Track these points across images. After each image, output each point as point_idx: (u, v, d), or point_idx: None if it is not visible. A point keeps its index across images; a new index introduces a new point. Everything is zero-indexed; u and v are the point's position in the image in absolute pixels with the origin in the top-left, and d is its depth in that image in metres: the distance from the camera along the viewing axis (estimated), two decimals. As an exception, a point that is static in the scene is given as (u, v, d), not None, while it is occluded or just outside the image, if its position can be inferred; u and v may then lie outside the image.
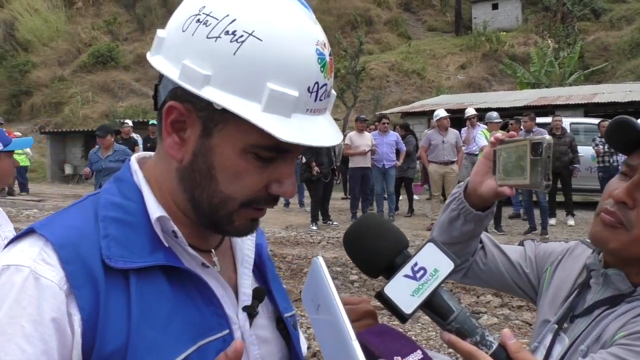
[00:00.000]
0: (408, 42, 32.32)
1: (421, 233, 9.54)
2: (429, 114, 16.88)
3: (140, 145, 14.18)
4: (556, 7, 30.85)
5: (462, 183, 1.28)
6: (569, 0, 30.20)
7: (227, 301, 0.86)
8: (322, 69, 0.77)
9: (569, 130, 10.77)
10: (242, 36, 0.72)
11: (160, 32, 0.81)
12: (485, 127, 9.94)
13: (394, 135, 11.22)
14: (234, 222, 0.82)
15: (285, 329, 0.95)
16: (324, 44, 0.78)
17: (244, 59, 0.72)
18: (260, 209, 0.83)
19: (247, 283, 0.91)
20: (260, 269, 0.98)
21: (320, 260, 0.75)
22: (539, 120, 10.57)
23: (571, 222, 10.32)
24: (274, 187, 0.81)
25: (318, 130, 0.78)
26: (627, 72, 25.32)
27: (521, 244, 1.46)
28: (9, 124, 20.54)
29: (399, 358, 0.77)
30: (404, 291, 0.77)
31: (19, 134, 17.20)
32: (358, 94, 23.33)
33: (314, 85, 0.76)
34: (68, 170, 22.42)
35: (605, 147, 10.16)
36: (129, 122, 14.76)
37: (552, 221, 10.04)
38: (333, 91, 0.83)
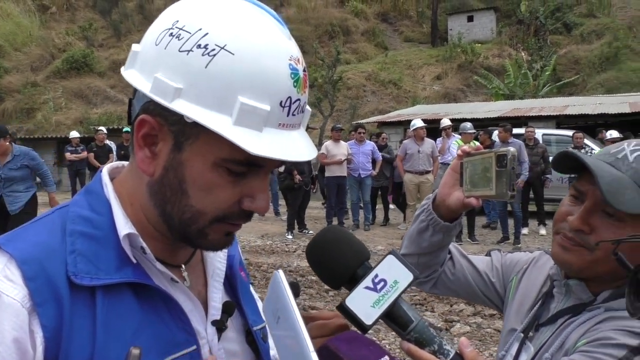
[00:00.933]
0: (385, 53, 32.63)
1: (396, 242, 9.60)
2: (405, 123, 17.04)
3: (114, 152, 14.05)
4: (529, 21, 31.48)
5: (431, 195, 1.31)
6: (541, 14, 30.85)
7: (195, 316, 0.86)
8: (295, 84, 0.76)
9: (541, 141, 10.97)
10: (213, 50, 0.72)
11: (135, 47, 0.81)
12: (460, 137, 10.08)
13: (370, 145, 11.29)
14: (207, 236, 0.81)
15: (254, 342, 0.94)
16: (298, 60, 0.78)
17: (215, 72, 0.72)
18: (234, 224, 0.82)
19: (217, 297, 0.91)
20: (230, 281, 0.97)
21: (281, 273, 0.76)
22: (515, 131, 10.75)
23: (543, 231, 10.49)
24: (247, 203, 0.80)
25: (290, 145, 0.77)
26: (597, 85, 25.95)
27: (488, 254, 1.50)
28: (-21, 130, 20.11)
29: None
30: (364, 302, 0.79)
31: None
32: (335, 103, 23.45)
33: (287, 100, 0.75)
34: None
35: None
36: (104, 129, 14.62)
37: (524, 230, 10.20)
38: (308, 107, 0.82)
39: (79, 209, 0.82)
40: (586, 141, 11.86)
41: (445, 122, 10.73)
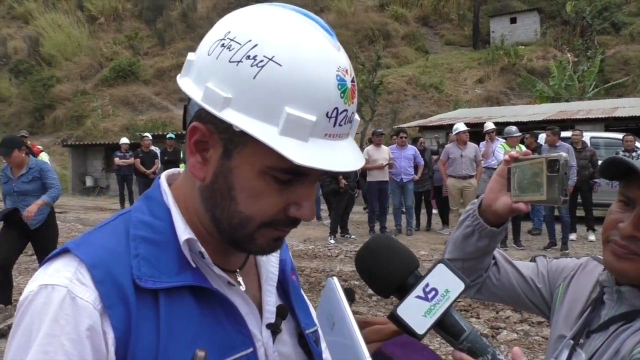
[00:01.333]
0: (426, 56, 32.36)
1: (440, 247, 9.50)
2: (446, 127, 16.85)
3: (159, 158, 14.39)
4: (575, 21, 30.68)
5: (476, 200, 1.31)
6: (588, 14, 30.02)
7: (251, 319, 0.88)
8: (342, 95, 0.77)
9: (589, 145, 10.67)
10: (262, 61, 0.74)
11: (190, 55, 0.84)
12: (504, 141, 9.90)
13: (412, 149, 11.21)
14: (255, 241, 0.84)
15: (307, 345, 0.96)
16: (346, 70, 0.79)
17: (263, 83, 0.74)
18: (282, 230, 0.84)
19: (271, 301, 0.93)
20: (282, 285, 0.99)
21: (335, 280, 0.78)
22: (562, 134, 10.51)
23: (592, 237, 10.19)
24: (292, 210, 0.82)
25: (335, 155, 0.78)
26: (649, 85, 25.05)
27: (533, 260, 1.49)
28: (33, 137, 20.91)
29: None
30: (416, 312, 0.79)
31: (40, 147, 17.53)
32: (376, 107, 23.38)
33: (333, 111, 0.77)
34: (89, 182, 22.73)
35: None
36: (149, 136, 14.99)
37: (572, 236, 9.93)
38: (357, 116, 0.84)
39: (140, 215, 0.85)
40: (637, 144, 11.47)
41: (489, 125, 10.55)
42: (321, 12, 35.35)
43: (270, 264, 0.97)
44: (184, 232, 0.83)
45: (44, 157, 17.45)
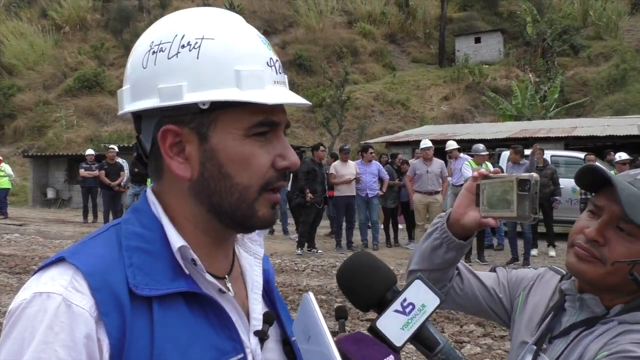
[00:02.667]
0: (393, 73, 32.82)
1: (405, 262, 9.58)
2: (413, 143, 17.11)
3: (127, 170, 14.15)
4: (536, 42, 31.65)
5: (444, 213, 1.36)
6: (549, 36, 31.02)
7: (240, 326, 0.90)
8: (269, 47, 0.89)
9: (550, 163, 10.99)
10: (196, 42, 0.83)
11: (120, 91, 0.90)
12: (471, 158, 10.11)
13: (376, 165, 11.35)
14: (257, 213, 0.88)
15: (292, 352, 0.98)
16: (259, 33, 0.90)
17: (206, 57, 0.82)
18: (276, 192, 0.89)
19: (258, 308, 0.96)
20: (268, 293, 1.02)
21: (311, 295, 0.83)
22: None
23: (552, 252, 10.46)
24: (280, 162, 0.87)
25: (291, 95, 0.88)
26: (605, 107, 25.97)
27: (493, 270, 1.55)
28: (-8, 147, 20.33)
29: None
30: (394, 325, 0.84)
31: None
32: (343, 122, 23.58)
33: (270, 60, 0.87)
34: (50, 194, 22.18)
35: None
36: (115, 148, 14.75)
37: (534, 252, 10.17)
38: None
39: (130, 226, 0.87)
40: (597, 163, 11.86)
41: (451, 144, 10.77)
42: (290, 27, 35.61)
43: (254, 273, 0.99)
44: (176, 240, 0.85)
45: (5, 167, 17.06)
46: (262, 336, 0.92)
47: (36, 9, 38.14)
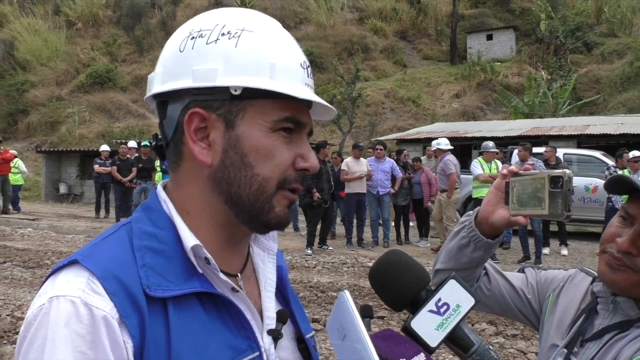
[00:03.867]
0: (404, 70, 32.71)
1: (417, 259, 9.57)
2: (424, 141, 17.06)
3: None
4: (549, 40, 31.40)
5: (472, 212, 1.33)
6: (561, 33, 30.76)
7: (254, 324, 0.89)
8: (302, 53, 0.90)
9: (562, 161, 10.91)
10: (236, 32, 0.84)
11: (152, 74, 0.90)
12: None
13: (389, 162, 11.31)
14: (274, 209, 0.87)
15: (306, 350, 0.97)
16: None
17: (245, 47, 0.83)
18: (293, 191, 0.89)
19: (271, 306, 0.94)
20: (281, 291, 1.00)
21: (347, 294, 0.81)
22: (534, 150, 10.74)
23: (564, 251, 10.39)
24: (300, 163, 0.87)
25: (319, 98, 0.88)
26: (619, 104, 25.71)
27: (521, 270, 1.52)
28: (5, 142, 20.50)
29: None
30: (429, 325, 0.83)
31: (14, 152, 17.22)
32: (354, 119, 23.54)
33: (303, 63, 0.89)
34: (63, 189, 22.35)
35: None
36: (134, 143, 14.83)
37: (545, 250, 10.12)
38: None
39: (142, 225, 0.86)
40: (608, 161, 11.78)
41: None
42: (300, 24, 35.58)
43: (268, 270, 0.98)
44: (189, 238, 0.84)
45: (19, 164, 17.22)
46: (275, 335, 0.91)
47: (49, 6, 38.37)
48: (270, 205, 0.86)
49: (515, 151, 10.64)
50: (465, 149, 17.45)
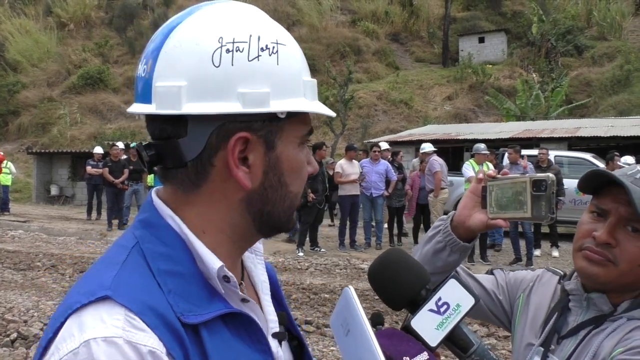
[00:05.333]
0: (396, 72, 32.79)
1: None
2: (416, 143, 17.10)
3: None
4: (540, 43, 31.59)
5: (445, 216, 1.33)
6: (552, 36, 30.96)
7: (265, 332, 0.86)
8: None
9: (554, 163, 10.98)
10: (274, 47, 0.79)
11: (168, 85, 0.77)
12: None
13: (384, 164, 11.32)
14: (292, 216, 0.88)
15: (299, 347, 0.97)
16: None
17: (284, 64, 0.80)
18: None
19: (272, 310, 0.92)
20: (274, 293, 0.98)
21: (352, 289, 0.81)
22: (526, 152, 10.81)
23: (555, 253, 10.45)
24: (308, 169, 0.88)
25: (326, 109, 0.88)
26: (609, 107, 25.91)
27: (490, 272, 1.54)
28: (-4, 144, 20.38)
29: (407, 358, 0.81)
30: (429, 324, 0.83)
31: (2, 153, 17.13)
32: (346, 121, 23.56)
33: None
34: (54, 191, 22.22)
35: None
36: (121, 145, 14.79)
37: (537, 252, 10.17)
38: None
39: (151, 246, 0.79)
40: (598, 163, 11.87)
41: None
42: (293, 26, 35.56)
43: (259, 272, 0.96)
44: (214, 260, 0.79)
45: (10, 165, 17.12)
46: (281, 338, 0.91)
47: (41, 6, 38.17)
48: (292, 216, 0.88)
49: (506, 154, 10.71)
50: (457, 151, 17.51)
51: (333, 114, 0.86)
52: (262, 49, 0.77)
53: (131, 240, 0.80)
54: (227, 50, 0.76)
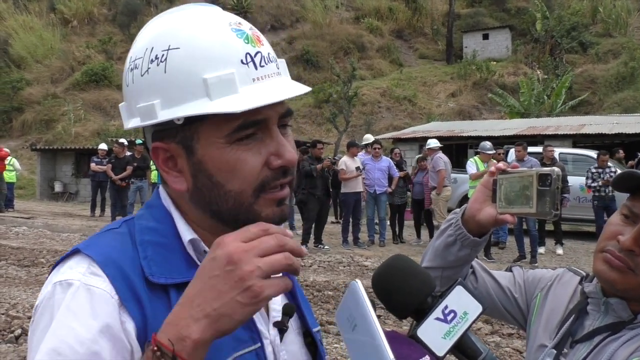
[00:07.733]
0: (400, 69, 32.73)
1: (413, 258, 9.58)
2: (420, 140, 17.08)
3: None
4: (545, 39, 31.47)
5: (458, 210, 1.30)
6: (557, 33, 30.83)
7: (258, 316, 0.89)
8: (246, 41, 0.83)
9: (558, 160, 10.93)
10: (162, 55, 0.81)
11: (121, 105, 0.92)
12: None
13: (386, 161, 11.30)
14: (260, 214, 0.85)
15: (313, 344, 0.98)
16: (239, 22, 0.85)
17: (173, 70, 0.80)
18: (277, 190, 0.86)
19: (277, 299, 0.93)
20: None
21: (359, 283, 0.78)
22: (530, 149, 10.76)
23: (560, 251, 10.42)
24: (275, 161, 0.84)
25: (270, 91, 0.82)
26: (614, 104, 25.80)
27: (509, 269, 1.49)
28: (0, 140, 20.41)
29: None
30: (435, 333, 0.80)
31: (7, 150, 17.15)
32: (350, 118, 23.54)
33: (246, 57, 0.82)
34: (58, 187, 22.26)
35: (600, 179, 10.29)
36: (124, 141, 14.79)
37: (541, 250, 10.13)
38: (278, 58, 0.89)
39: (144, 222, 0.89)
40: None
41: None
42: (297, 23, 35.53)
43: None
44: (186, 233, 0.87)
45: (14, 162, 17.16)
46: (281, 327, 0.91)
47: (44, 3, 38.20)
48: (254, 214, 0.85)
49: (512, 150, 10.67)
50: (461, 148, 17.48)
51: (237, 110, 0.78)
52: (151, 61, 0.82)
53: (130, 217, 0.92)
54: (131, 69, 0.86)
